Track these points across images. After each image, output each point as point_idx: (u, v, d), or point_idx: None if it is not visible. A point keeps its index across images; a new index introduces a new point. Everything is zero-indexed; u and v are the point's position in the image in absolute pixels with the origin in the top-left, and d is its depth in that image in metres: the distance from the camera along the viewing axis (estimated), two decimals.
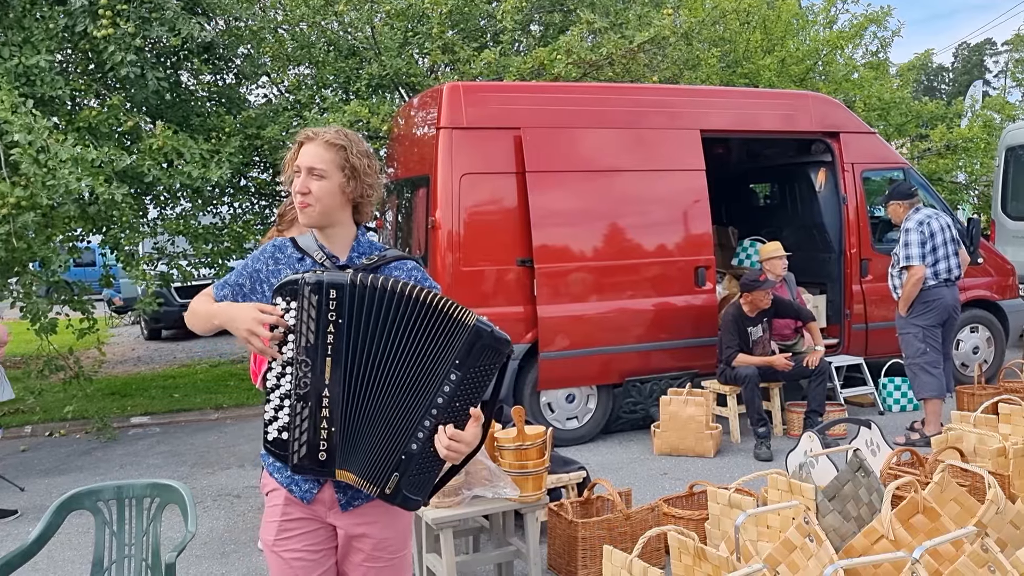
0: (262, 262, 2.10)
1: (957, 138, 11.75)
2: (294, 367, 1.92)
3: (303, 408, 1.93)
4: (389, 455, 1.92)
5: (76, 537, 4.69)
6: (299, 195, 2.03)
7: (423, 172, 6.12)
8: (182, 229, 7.48)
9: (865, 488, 3.19)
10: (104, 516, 2.98)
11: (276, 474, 2.09)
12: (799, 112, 7.02)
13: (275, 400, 1.97)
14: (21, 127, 5.56)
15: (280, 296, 1.94)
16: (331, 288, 1.89)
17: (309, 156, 2.03)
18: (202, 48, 7.46)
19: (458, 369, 1.87)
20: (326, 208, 2.04)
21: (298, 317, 1.91)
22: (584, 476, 4.41)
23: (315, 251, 2.07)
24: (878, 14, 12.43)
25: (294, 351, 1.92)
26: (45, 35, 6.37)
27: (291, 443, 1.95)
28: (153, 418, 7.81)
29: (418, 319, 1.88)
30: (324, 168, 2.03)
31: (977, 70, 47.27)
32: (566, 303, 6.04)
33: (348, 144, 2.05)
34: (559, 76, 7.83)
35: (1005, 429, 4.22)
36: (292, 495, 2.06)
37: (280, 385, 1.96)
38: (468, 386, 1.88)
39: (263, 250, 2.12)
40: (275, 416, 1.97)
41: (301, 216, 2.05)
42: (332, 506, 2.07)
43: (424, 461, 1.92)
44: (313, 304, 1.90)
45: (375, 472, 1.93)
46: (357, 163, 2.05)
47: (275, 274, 2.07)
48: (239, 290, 2.10)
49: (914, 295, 5.75)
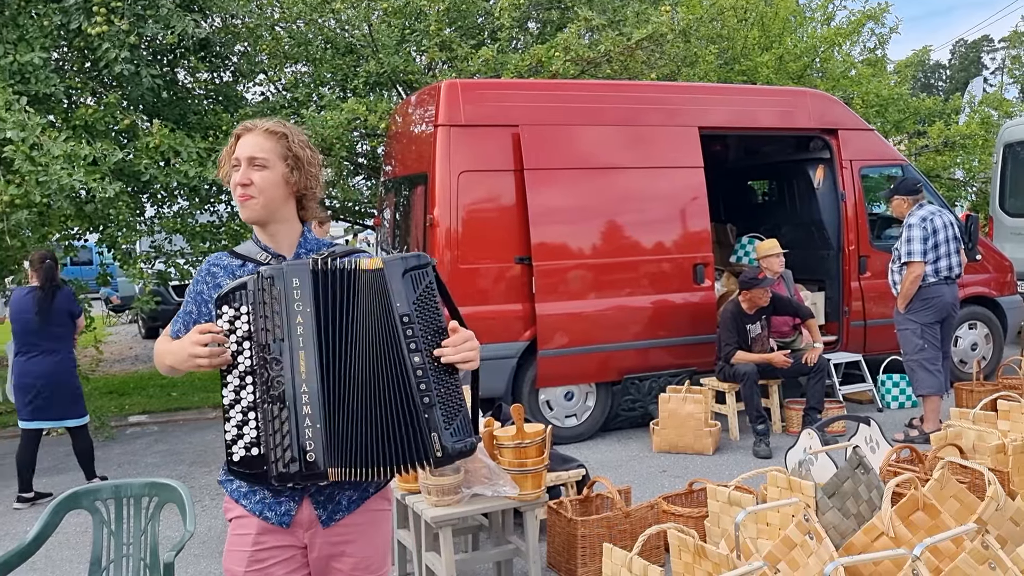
0: (201, 282, 2.00)
1: (955, 135, 11.75)
2: (265, 368, 1.79)
3: (281, 410, 1.77)
4: (410, 423, 1.78)
5: (74, 536, 4.68)
6: (239, 187, 1.91)
7: (421, 170, 6.11)
8: (179, 227, 7.47)
9: (865, 485, 3.18)
10: (102, 515, 2.97)
11: (244, 500, 1.94)
12: (797, 109, 7.01)
13: (236, 416, 1.82)
14: (14, 124, 5.54)
15: (226, 304, 1.83)
16: (293, 277, 1.80)
17: (248, 146, 1.93)
18: (198, 46, 7.44)
19: (404, 309, 1.79)
20: (269, 201, 1.94)
21: (255, 318, 1.81)
22: (583, 474, 4.41)
23: (257, 253, 1.97)
24: (875, 11, 12.43)
25: (253, 357, 1.81)
26: (40, 32, 6.34)
27: (270, 452, 1.78)
28: (151, 417, 7.80)
29: (356, 287, 1.81)
30: (266, 157, 1.92)
31: (974, 67, 47.31)
32: (564, 301, 6.03)
33: (289, 133, 1.96)
34: (557, 73, 7.82)
35: (1004, 426, 4.22)
36: (267, 522, 1.92)
37: (241, 398, 1.83)
38: (424, 312, 1.81)
39: (200, 269, 2.02)
40: (240, 433, 1.82)
41: (242, 211, 1.94)
42: (311, 525, 1.94)
43: (446, 403, 1.80)
44: (275, 297, 1.79)
45: (408, 450, 1.78)
46: (300, 153, 1.96)
47: (216, 289, 1.96)
48: (188, 318, 2.00)
49: (913, 292, 5.75)
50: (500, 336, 5.86)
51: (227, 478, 1.96)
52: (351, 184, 10.10)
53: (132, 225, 6.99)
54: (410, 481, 3.54)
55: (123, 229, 6.84)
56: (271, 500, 1.92)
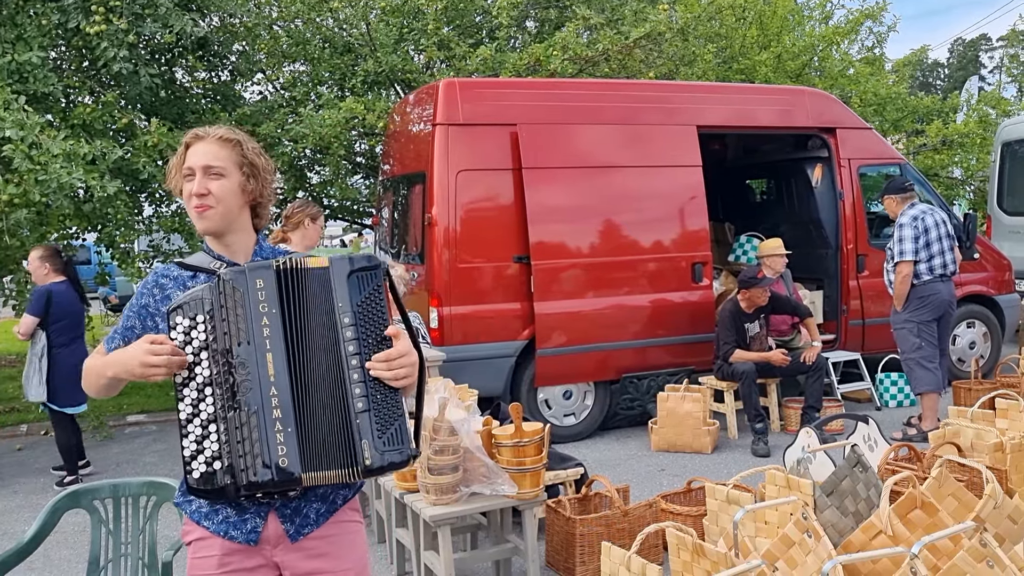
0: (147, 295, 1.92)
1: (953, 133, 11.76)
2: (229, 374, 1.73)
3: (250, 416, 1.70)
4: (344, 428, 1.72)
5: (72, 536, 4.68)
6: (196, 197, 1.85)
7: (419, 169, 6.10)
8: (177, 227, 7.46)
9: (863, 483, 3.18)
10: (100, 515, 2.96)
11: (205, 521, 1.85)
12: (795, 108, 7.01)
13: (195, 431, 1.74)
14: (13, 123, 5.53)
15: (179, 315, 1.77)
16: (256, 278, 1.75)
17: (202, 155, 1.86)
18: (197, 45, 7.43)
19: (346, 311, 1.75)
20: (227, 210, 1.88)
21: (214, 325, 1.75)
22: (582, 473, 4.41)
23: (211, 263, 1.90)
24: (873, 10, 12.43)
25: (212, 367, 1.74)
26: (38, 32, 6.33)
27: (238, 461, 1.70)
28: (149, 416, 7.79)
29: (307, 285, 1.77)
30: (222, 166, 1.87)
31: (972, 66, 47.32)
32: (563, 299, 6.03)
33: (242, 140, 1.92)
34: (555, 72, 7.82)
35: (1002, 424, 4.23)
36: (233, 541, 1.83)
37: (200, 411, 1.74)
38: (367, 318, 1.77)
39: (144, 283, 1.94)
40: (200, 448, 1.73)
41: (199, 222, 1.87)
42: (279, 542, 1.85)
43: (380, 410, 1.74)
44: (238, 301, 1.74)
45: (342, 454, 1.72)
46: (255, 160, 1.91)
47: (164, 302, 1.89)
48: (130, 334, 1.92)
49: (905, 291, 5.76)
50: (498, 335, 5.86)
51: (185, 499, 1.89)
52: (349, 183, 10.10)
53: (130, 224, 6.98)
54: (408, 480, 3.54)
55: (121, 228, 6.84)
56: (235, 518, 1.84)
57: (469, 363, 5.64)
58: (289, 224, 4.01)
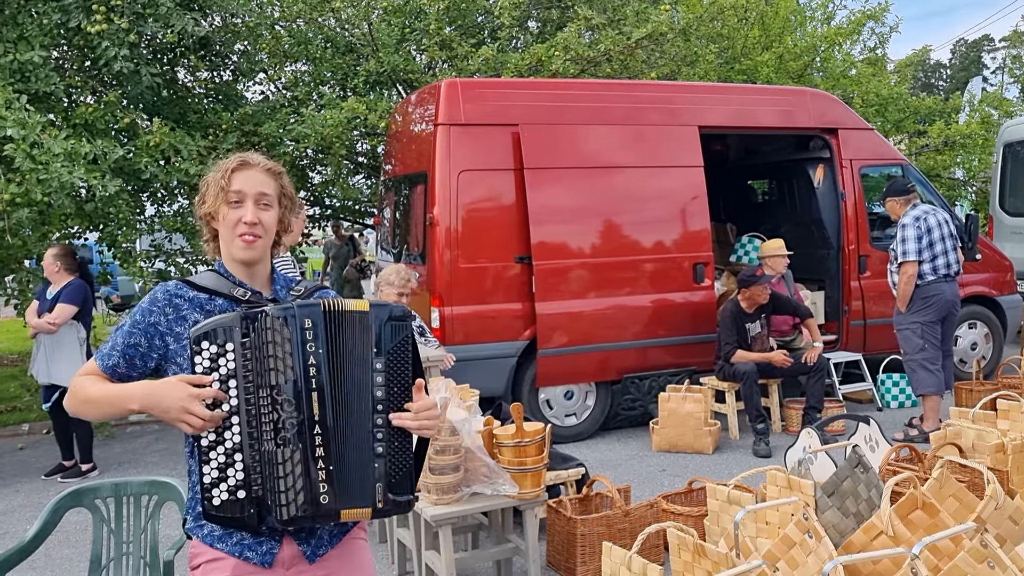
0: (157, 314, 1.85)
1: (955, 134, 11.75)
2: (273, 410, 1.74)
3: (293, 452, 1.73)
4: (366, 470, 1.80)
5: (74, 535, 4.68)
6: (246, 226, 1.83)
7: (421, 169, 6.10)
8: (179, 226, 7.47)
9: (864, 484, 3.18)
10: (102, 514, 2.97)
11: (219, 544, 1.84)
12: (797, 108, 7.01)
13: (218, 459, 1.74)
14: (15, 123, 5.54)
15: (206, 341, 1.74)
16: (305, 318, 1.76)
17: (256, 183, 1.85)
18: (198, 44, 7.44)
19: (380, 357, 1.81)
20: (269, 241, 1.89)
21: (248, 357, 1.75)
22: (583, 473, 4.41)
23: (232, 288, 1.87)
24: (876, 10, 12.43)
25: (240, 396, 1.75)
26: (39, 31, 6.34)
27: (277, 496, 1.73)
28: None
29: (349, 327, 1.81)
30: (271, 196, 1.87)
31: (975, 67, 47.25)
32: (564, 300, 6.03)
33: (283, 172, 1.93)
34: (557, 72, 7.82)
35: (1003, 425, 4.22)
36: (248, 563, 1.82)
37: (224, 439, 1.74)
38: (395, 367, 1.83)
39: (153, 300, 1.87)
40: (222, 476, 1.74)
41: (246, 251, 1.85)
42: (294, 563, 1.86)
43: (395, 458, 1.82)
44: (287, 338, 1.74)
45: (362, 494, 1.79)
46: (292, 194, 1.93)
47: (178, 322, 1.85)
48: (133, 351, 1.85)
49: (909, 291, 5.74)
50: (500, 335, 5.86)
51: (197, 524, 1.87)
52: (351, 183, 10.11)
53: (132, 224, 6.99)
54: None
55: (123, 228, 6.85)
56: (250, 540, 1.83)
57: (470, 363, 5.64)
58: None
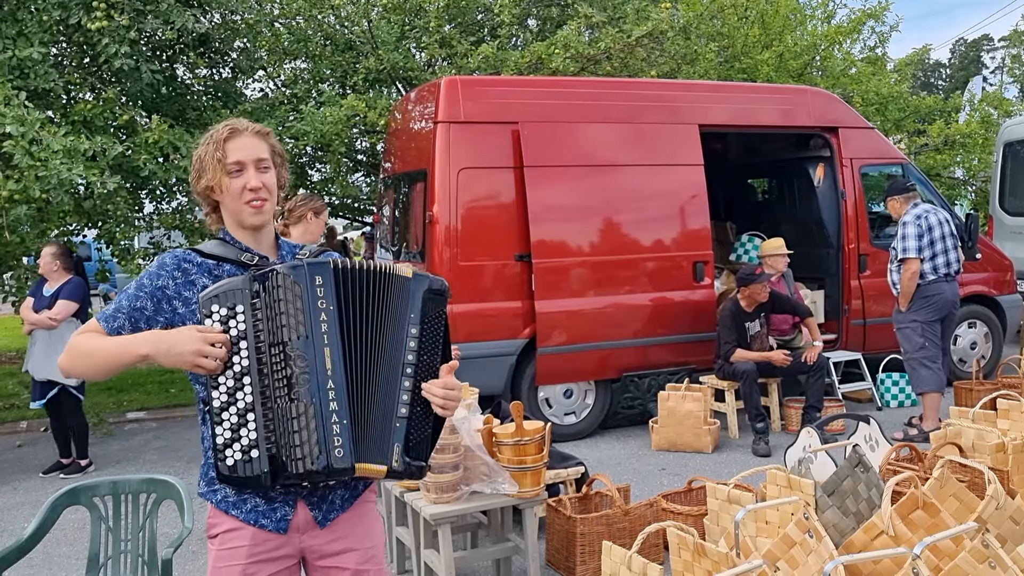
0: (166, 278, 1.84)
1: (955, 134, 11.75)
2: (286, 366, 1.75)
3: (307, 407, 1.74)
4: (385, 429, 1.82)
5: (72, 533, 4.67)
6: (251, 192, 1.84)
7: (421, 166, 6.09)
8: (178, 224, 7.46)
9: (864, 484, 3.17)
10: (100, 512, 2.96)
11: (234, 510, 1.84)
12: (797, 107, 7.00)
13: (231, 419, 1.75)
14: (13, 119, 5.53)
15: (217, 304, 1.76)
16: (316, 275, 1.79)
17: (251, 148, 1.85)
18: (198, 42, 7.42)
19: (415, 323, 1.86)
20: (274, 203, 1.90)
21: (260, 317, 1.76)
22: (582, 472, 4.40)
23: (239, 255, 1.87)
24: (876, 9, 12.41)
25: (251, 357, 1.76)
26: (39, 27, 6.32)
27: (291, 451, 1.74)
28: (149, 413, 7.78)
29: (381, 289, 1.85)
30: (267, 158, 1.88)
31: (974, 66, 47.25)
32: (564, 298, 6.02)
33: (270, 132, 1.94)
34: (557, 70, 7.81)
35: (1003, 425, 4.21)
36: (263, 530, 1.84)
37: (236, 399, 1.75)
38: (428, 337, 1.88)
39: (161, 265, 1.87)
40: (235, 436, 1.74)
41: (256, 216, 1.87)
42: (307, 528, 1.88)
43: (416, 423, 1.85)
44: (297, 295, 1.76)
45: (378, 451, 1.81)
46: (281, 151, 1.94)
47: (187, 287, 1.85)
48: (139, 315, 1.83)
49: (912, 289, 5.73)
50: (499, 333, 5.85)
51: (210, 489, 1.87)
52: (350, 181, 10.09)
53: (130, 221, 6.98)
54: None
55: (121, 225, 6.83)
56: (264, 507, 1.84)
57: (470, 361, 5.62)
58: (292, 217, 3.97)
